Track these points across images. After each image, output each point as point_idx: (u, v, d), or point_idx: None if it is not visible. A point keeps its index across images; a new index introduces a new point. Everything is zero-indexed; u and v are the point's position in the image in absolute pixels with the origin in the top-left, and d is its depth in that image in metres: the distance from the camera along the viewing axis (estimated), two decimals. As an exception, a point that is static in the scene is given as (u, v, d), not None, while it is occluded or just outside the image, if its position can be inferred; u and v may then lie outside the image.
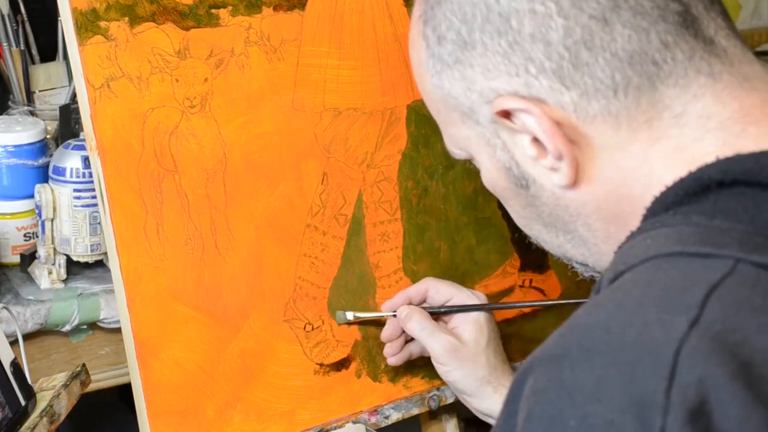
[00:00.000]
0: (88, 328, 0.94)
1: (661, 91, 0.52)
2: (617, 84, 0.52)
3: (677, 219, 0.49)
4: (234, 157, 0.82)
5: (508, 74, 0.53)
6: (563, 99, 0.53)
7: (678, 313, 0.44)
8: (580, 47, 0.52)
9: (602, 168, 0.54)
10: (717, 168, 0.50)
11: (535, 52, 0.52)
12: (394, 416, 0.89)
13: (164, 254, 0.79)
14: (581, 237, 0.57)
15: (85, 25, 0.76)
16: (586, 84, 0.52)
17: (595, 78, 0.52)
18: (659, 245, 0.48)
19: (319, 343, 0.86)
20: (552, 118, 0.53)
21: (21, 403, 0.71)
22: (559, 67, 0.52)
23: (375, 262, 0.89)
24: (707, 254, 0.46)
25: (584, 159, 0.54)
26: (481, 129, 0.57)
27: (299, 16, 0.84)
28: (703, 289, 0.44)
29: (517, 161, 0.56)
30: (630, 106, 0.52)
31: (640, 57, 0.51)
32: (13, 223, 0.96)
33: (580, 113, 0.53)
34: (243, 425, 0.82)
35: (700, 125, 0.52)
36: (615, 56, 0.51)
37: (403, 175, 0.90)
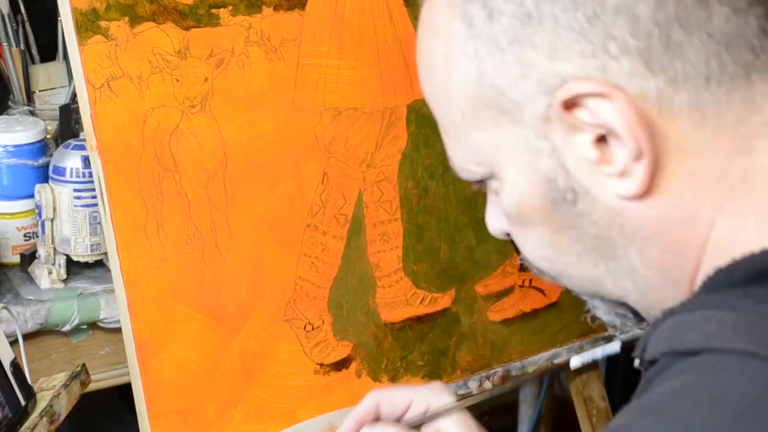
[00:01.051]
0: (88, 328, 0.94)
1: (755, 85, 0.44)
2: (712, 71, 0.44)
3: (747, 304, 0.42)
4: (234, 157, 0.82)
5: (581, 55, 0.44)
6: (647, 86, 0.44)
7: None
8: (672, 24, 0.43)
9: (675, 178, 0.45)
10: None
11: (618, 28, 0.44)
12: (394, 416, 0.89)
13: (165, 254, 0.79)
14: (629, 266, 0.48)
15: (85, 24, 0.76)
16: (676, 69, 0.43)
17: (688, 62, 0.43)
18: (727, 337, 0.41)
19: (319, 343, 0.86)
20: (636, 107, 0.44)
21: (21, 403, 0.71)
22: (647, 47, 0.43)
23: (375, 262, 0.89)
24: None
25: (658, 164, 0.45)
26: (522, 131, 0.47)
27: (299, 16, 0.84)
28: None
29: (569, 169, 0.46)
30: (720, 100, 0.44)
31: (737, 41, 0.43)
32: (13, 223, 0.96)
33: (665, 105, 0.44)
34: (243, 425, 0.82)
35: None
36: (712, 37, 0.43)
37: (403, 175, 0.90)
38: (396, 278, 0.90)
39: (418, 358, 0.91)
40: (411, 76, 0.89)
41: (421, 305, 0.91)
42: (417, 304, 0.91)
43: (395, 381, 0.89)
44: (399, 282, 0.90)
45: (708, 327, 0.42)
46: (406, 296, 0.91)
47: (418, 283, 0.91)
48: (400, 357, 0.90)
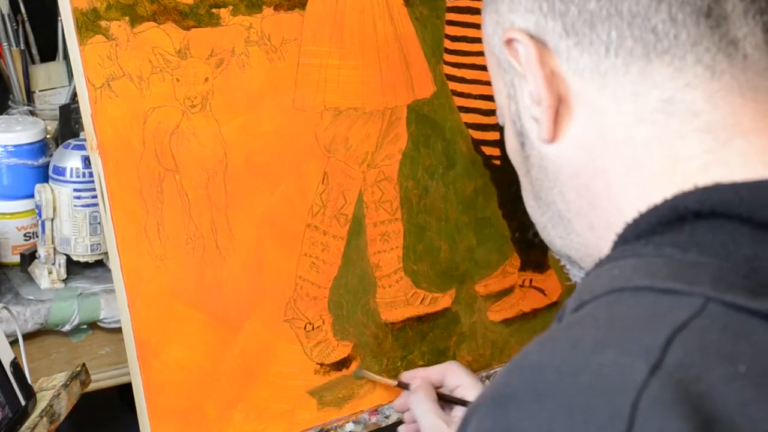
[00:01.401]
0: (88, 328, 0.94)
1: (653, 65, 0.50)
2: (611, 41, 0.50)
3: (648, 249, 0.46)
4: (234, 157, 0.82)
5: (525, 9, 0.53)
6: (560, 45, 0.51)
7: (638, 357, 0.40)
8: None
9: (583, 128, 0.52)
10: (695, 197, 0.46)
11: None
12: (394, 416, 0.89)
13: (165, 254, 0.79)
14: (558, 211, 0.55)
15: (85, 24, 0.76)
16: (584, 34, 0.51)
17: (594, 30, 0.50)
18: (626, 277, 0.45)
19: (319, 343, 0.86)
20: (546, 63, 0.51)
21: (21, 403, 0.71)
22: (566, 10, 0.51)
23: (375, 262, 0.89)
24: (676, 290, 0.42)
25: (568, 114, 0.52)
26: (505, 76, 0.55)
27: (300, 16, 0.84)
28: (667, 330, 0.40)
29: (520, 112, 0.54)
30: (619, 69, 0.50)
31: (641, 21, 0.49)
32: (13, 223, 0.96)
33: (571, 63, 0.51)
34: (244, 425, 0.82)
35: (687, 120, 0.49)
36: (618, 13, 0.50)
37: (404, 175, 0.90)
38: (396, 278, 0.90)
39: (419, 357, 0.91)
40: (411, 76, 0.89)
41: (422, 305, 0.91)
42: (417, 304, 0.91)
43: (395, 381, 0.89)
44: (399, 282, 0.90)
45: (611, 273, 0.46)
46: (406, 296, 0.91)
47: (419, 283, 0.91)
48: (400, 357, 0.90)
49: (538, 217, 0.57)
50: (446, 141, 0.92)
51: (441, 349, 0.93)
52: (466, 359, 0.94)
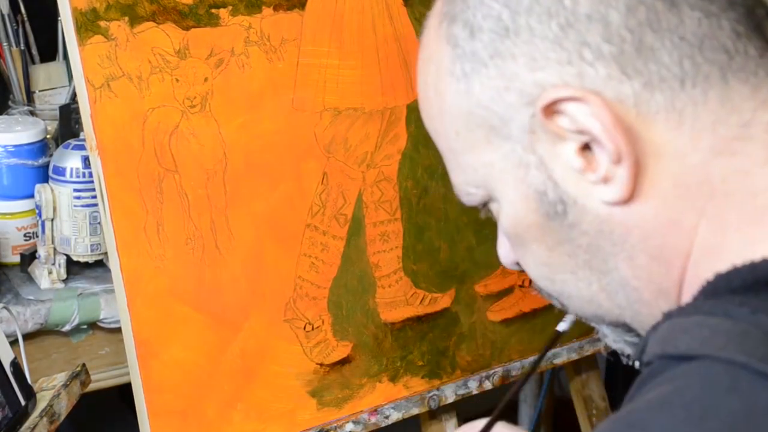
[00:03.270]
0: (88, 328, 0.94)
1: (731, 86, 0.45)
2: (686, 72, 0.45)
3: (743, 313, 0.41)
4: (234, 157, 0.82)
5: (558, 62, 0.45)
6: (623, 90, 0.45)
7: None
8: (644, 29, 0.45)
9: (656, 181, 0.46)
10: None
11: (591, 34, 0.45)
12: (394, 416, 0.89)
13: (164, 254, 0.79)
14: (621, 279, 0.48)
15: (85, 24, 0.76)
16: (650, 72, 0.45)
17: (661, 64, 0.45)
18: (719, 345, 0.41)
19: (319, 343, 0.86)
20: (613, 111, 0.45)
21: (21, 403, 0.71)
22: (620, 51, 0.45)
23: (375, 262, 0.89)
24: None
25: (640, 167, 0.46)
26: (511, 146, 0.48)
27: (299, 16, 0.84)
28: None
29: (556, 180, 0.47)
30: (697, 100, 0.45)
31: (711, 42, 0.45)
32: (13, 223, 0.96)
33: (642, 107, 0.45)
34: (243, 425, 0.82)
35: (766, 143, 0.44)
36: (684, 40, 0.45)
37: (403, 175, 0.90)
38: (396, 278, 0.90)
39: (418, 358, 0.91)
40: (410, 76, 0.89)
41: (421, 305, 0.91)
42: (417, 304, 0.91)
43: (395, 381, 0.89)
44: (399, 282, 0.90)
45: (701, 332, 0.42)
46: (405, 296, 0.91)
47: (418, 283, 0.91)
48: (400, 357, 0.90)
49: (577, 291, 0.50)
50: (446, 141, 0.92)
51: (441, 349, 0.93)
52: (465, 359, 0.94)
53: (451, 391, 0.92)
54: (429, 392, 0.90)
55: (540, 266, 0.51)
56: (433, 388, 0.91)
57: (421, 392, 0.90)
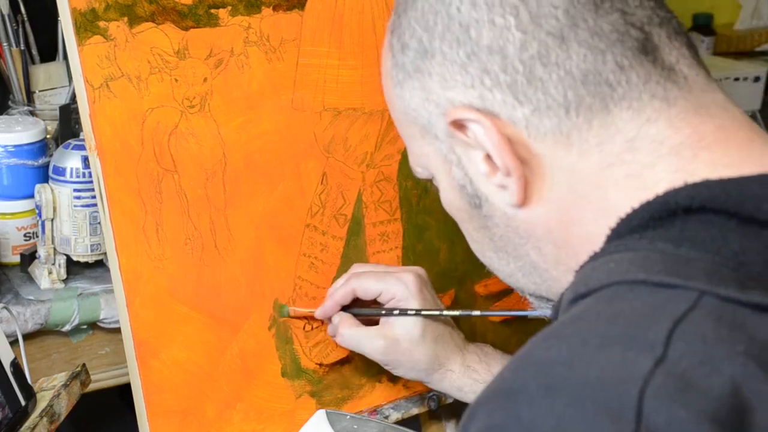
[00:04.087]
0: (88, 328, 0.94)
1: (614, 114, 0.51)
2: (569, 102, 0.51)
3: (642, 243, 0.48)
4: (233, 157, 0.82)
5: (464, 85, 0.53)
6: (515, 114, 0.52)
7: (642, 351, 0.42)
8: (535, 62, 0.51)
9: (553, 189, 0.53)
10: (684, 193, 0.48)
11: (491, 64, 0.52)
12: (393, 416, 0.89)
13: (164, 254, 0.79)
14: (532, 263, 0.56)
15: (84, 25, 0.76)
16: (539, 100, 0.51)
17: (548, 95, 0.51)
18: (623, 270, 0.47)
19: (318, 343, 0.86)
20: (503, 133, 0.52)
21: (21, 403, 0.71)
22: (514, 81, 0.52)
23: (375, 262, 0.89)
24: (672, 285, 0.45)
25: (535, 178, 0.53)
26: (439, 144, 0.56)
27: (299, 16, 0.84)
28: (667, 324, 0.43)
29: (471, 178, 0.55)
30: (581, 127, 0.51)
31: (594, 77, 0.51)
32: (13, 223, 0.96)
33: (532, 130, 0.52)
34: (243, 425, 0.82)
35: (653, 150, 0.51)
36: (569, 74, 0.51)
37: (403, 175, 0.90)
38: (395, 278, 0.90)
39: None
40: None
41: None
42: (416, 305, 0.91)
43: (395, 381, 0.89)
44: (399, 282, 0.90)
45: (607, 266, 0.48)
46: (405, 296, 0.90)
47: (418, 284, 0.91)
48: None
49: (501, 267, 0.59)
50: (446, 141, 0.92)
51: (440, 349, 0.92)
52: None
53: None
54: (429, 392, 0.90)
55: (472, 242, 0.61)
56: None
57: (420, 392, 0.90)
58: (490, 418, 0.42)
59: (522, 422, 0.41)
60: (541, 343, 0.45)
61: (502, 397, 0.43)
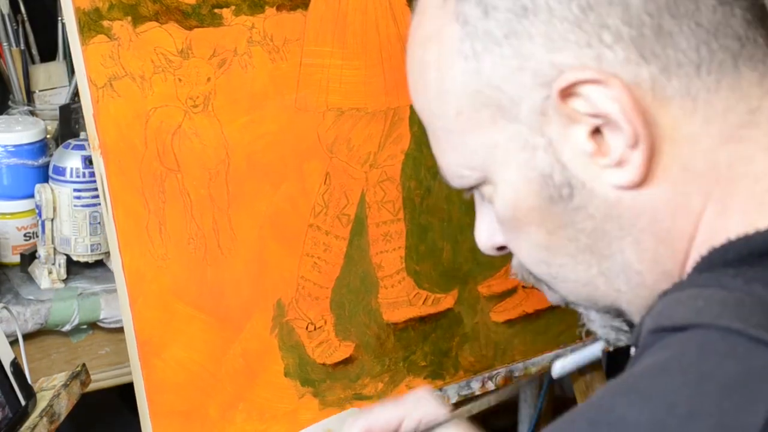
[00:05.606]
0: (88, 328, 0.93)
1: (741, 73, 0.45)
2: (702, 59, 0.45)
3: (737, 283, 0.42)
4: (237, 157, 0.82)
5: (577, 44, 0.45)
6: (641, 73, 0.45)
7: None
8: (663, 13, 0.45)
9: (667, 166, 0.46)
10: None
11: (611, 17, 0.45)
12: (396, 417, 0.89)
13: (167, 254, 0.78)
14: (624, 262, 0.48)
15: (88, 24, 0.76)
16: (668, 57, 0.45)
17: (679, 50, 0.45)
18: (714, 313, 0.41)
19: (321, 343, 0.86)
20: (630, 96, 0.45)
21: (21, 403, 0.70)
22: (640, 35, 0.45)
23: (378, 262, 0.89)
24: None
25: (653, 152, 0.46)
26: (518, 128, 0.47)
27: (302, 16, 0.84)
28: (764, 408, 0.38)
29: (564, 163, 0.47)
30: (710, 88, 0.45)
31: (725, 30, 0.45)
32: (13, 223, 0.96)
33: (658, 92, 0.45)
34: (245, 425, 0.82)
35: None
36: (700, 26, 0.45)
37: (406, 175, 0.90)
38: (398, 278, 0.90)
39: (421, 358, 0.91)
40: (414, 77, 0.89)
41: (424, 305, 0.91)
42: (420, 305, 0.91)
43: (397, 382, 0.89)
44: (401, 282, 0.90)
45: (695, 303, 0.43)
46: (408, 296, 0.91)
47: (421, 284, 0.91)
48: (402, 357, 0.90)
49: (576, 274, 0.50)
50: (448, 141, 0.92)
51: (443, 349, 0.93)
52: (468, 360, 0.94)
53: (454, 392, 0.92)
54: (431, 393, 0.90)
55: (537, 250, 0.51)
56: (436, 388, 0.91)
57: (422, 393, 0.90)
58: None
59: None
60: (620, 397, 0.41)
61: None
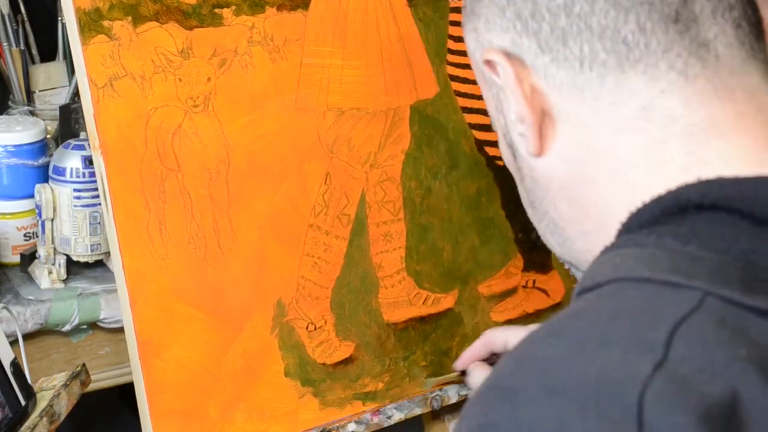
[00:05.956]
0: (88, 328, 0.93)
1: (628, 75, 0.51)
2: (584, 56, 0.51)
3: (650, 240, 0.47)
4: (237, 157, 0.82)
5: (501, 29, 0.54)
6: (537, 62, 0.52)
7: (642, 353, 0.41)
8: (560, 12, 0.52)
9: (567, 143, 0.53)
10: (698, 190, 0.47)
11: (523, 10, 0.53)
12: (396, 416, 0.89)
13: (167, 254, 0.79)
14: (553, 219, 0.56)
15: (88, 24, 0.76)
16: (557, 50, 0.52)
17: (567, 46, 0.52)
18: (628, 267, 0.46)
19: (321, 343, 0.86)
20: (526, 80, 0.53)
21: (21, 403, 0.70)
22: (539, 28, 0.52)
23: (378, 262, 0.89)
24: (675, 284, 0.43)
25: (552, 129, 0.53)
26: (493, 90, 0.56)
27: (302, 16, 0.84)
28: (668, 326, 0.41)
29: (508, 126, 0.55)
30: (594, 82, 0.51)
31: (612, 33, 0.50)
32: (13, 223, 0.96)
33: (549, 80, 0.52)
34: (245, 425, 0.82)
35: (666, 125, 0.50)
36: (588, 28, 0.51)
37: (407, 175, 0.90)
38: (399, 278, 0.90)
39: (421, 358, 0.91)
40: (414, 76, 0.89)
41: (424, 305, 0.91)
42: (420, 305, 0.91)
43: (397, 382, 0.89)
44: (402, 282, 0.90)
45: (613, 261, 0.47)
46: (408, 296, 0.91)
47: (421, 284, 0.91)
48: (402, 357, 0.90)
49: (536, 224, 0.58)
50: (449, 141, 0.92)
51: (444, 349, 0.93)
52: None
53: (454, 392, 0.91)
54: (432, 393, 0.90)
55: (521, 198, 0.59)
56: (436, 388, 0.91)
57: (423, 392, 0.90)
58: (486, 416, 0.41)
59: (520, 423, 0.40)
60: (539, 341, 0.44)
61: (499, 396, 0.42)
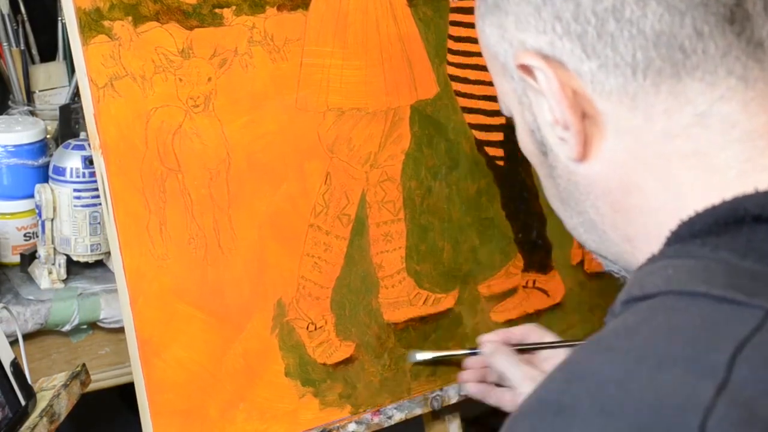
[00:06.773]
0: (88, 328, 0.93)
1: (685, 83, 0.48)
2: (637, 63, 0.48)
3: (704, 251, 0.45)
4: (237, 157, 0.82)
5: (536, 29, 0.51)
6: (582, 67, 0.49)
7: (703, 377, 0.39)
8: (608, 16, 0.48)
9: (614, 149, 0.50)
10: (755, 201, 0.45)
11: (564, 11, 0.50)
12: (397, 416, 0.89)
13: (167, 253, 0.78)
14: (591, 220, 0.54)
15: (88, 24, 0.76)
16: (606, 56, 0.49)
17: (617, 52, 0.49)
18: (682, 280, 0.44)
19: (322, 343, 0.86)
20: (568, 84, 0.50)
21: (21, 403, 0.70)
22: (584, 32, 0.49)
23: (378, 262, 0.89)
24: (735, 301, 0.42)
25: (597, 135, 0.50)
26: (515, 84, 0.53)
27: (303, 16, 0.84)
28: (730, 347, 0.40)
29: (539, 125, 0.53)
30: (648, 90, 0.49)
31: (667, 40, 0.48)
32: (13, 223, 0.96)
33: (597, 86, 0.50)
34: (246, 425, 0.82)
35: (724, 131, 0.48)
36: (641, 33, 0.48)
37: (407, 176, 0.90)
38: (399, 278, 0.90)
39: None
40: (414, 76, 0.89)
41: (424, 306, 0.91)
42: (420, 305, 0.91)
43: (397, 382, 0.89)
44: (402, 282, 0.90)
45: (665, 272, 0.45)
46: (409, 296, 0.91)
47: (421, 284, 0.91)
48: (403, 357, 0.90)
49: (566, 219, 0.56)
50: (449, 141, 0.92)
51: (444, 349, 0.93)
52: (468, 360, 0.94)
53: (455, 392, 0.91)
54: (432, 393, 0.90)
55: (544, 188, 0.57)
56: (437, 388, 0.91)
57: (424, 393, 0.90)
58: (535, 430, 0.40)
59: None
60: (593, 355, 0.42)
61: (550, 412, 0.40)
